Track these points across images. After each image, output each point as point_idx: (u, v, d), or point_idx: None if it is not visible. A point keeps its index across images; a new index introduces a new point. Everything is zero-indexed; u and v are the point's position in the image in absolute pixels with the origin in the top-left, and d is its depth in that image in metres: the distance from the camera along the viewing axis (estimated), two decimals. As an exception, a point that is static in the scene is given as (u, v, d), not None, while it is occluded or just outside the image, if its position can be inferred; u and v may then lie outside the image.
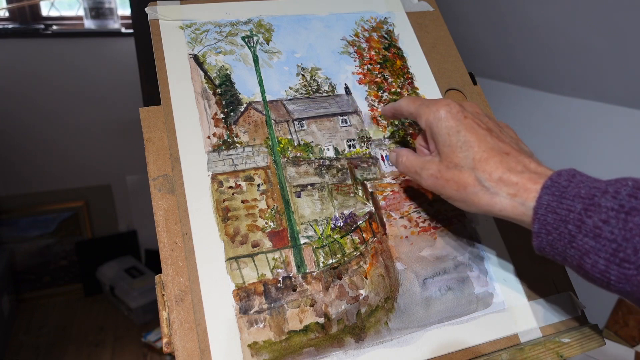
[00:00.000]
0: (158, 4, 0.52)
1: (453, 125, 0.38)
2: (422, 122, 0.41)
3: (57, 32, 2.11)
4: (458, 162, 0.37)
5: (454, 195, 0.38)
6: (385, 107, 0.47)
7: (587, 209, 0.31)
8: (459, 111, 0.39)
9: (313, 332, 0.40)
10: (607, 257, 0.30)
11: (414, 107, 0.42)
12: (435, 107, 0.40)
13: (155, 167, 0.44)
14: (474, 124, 0.38)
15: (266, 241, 0.43)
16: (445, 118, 0.39)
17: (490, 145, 0.37)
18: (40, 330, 2.14)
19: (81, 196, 2.36)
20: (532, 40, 1.52)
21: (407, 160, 0.42)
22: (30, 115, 2.16)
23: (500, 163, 0.36)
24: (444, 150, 0.39)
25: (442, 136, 0.39)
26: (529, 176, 0.35)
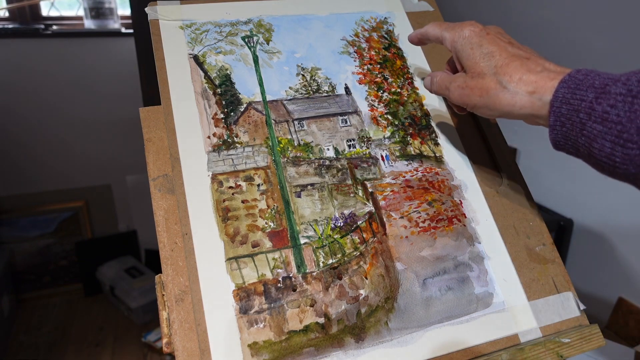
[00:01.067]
0: (158, 4, 0.52)
1: (476, 41, 0.41)
2: (448, 43, 0.44)
3: (57, 32, 2.11)
4: (481, 70, 0.40)
5: (478, 102, 0.40)
6: (411, 34, 0.50)
7: (598, 97, 0.32)
8: (482, 29, 0.42)
9: (313, 332, 0.40)
10: (613, 140, 0.31)
11: (439, 30, 0.45)
12: (460, 27, 0.43)
13: (155, 167, 0.44)
14: (496, 38, 0.41)
15: (266, 241, 0.43)
16: (469, 36, 0.42)
17: (511, 53, 0.39)
18: (40, 330, 2.14)
19: (81, 196, 2.36)
20: (532, 40, 1.52)
21: (439, 78, 0.46)
22: (30, 116, 2.16)
23: (521, 66, 0.38)
24: (468, 64, 0.41)
25: (466, 52, 0.42)
26: (547, 74, 0.37)
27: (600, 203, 1.48)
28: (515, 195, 0.50)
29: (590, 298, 1.50)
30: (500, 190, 0.50)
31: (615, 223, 1.45)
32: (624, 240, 1.43)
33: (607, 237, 1.47)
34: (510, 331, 0.43)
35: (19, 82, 2.09)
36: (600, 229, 1.49)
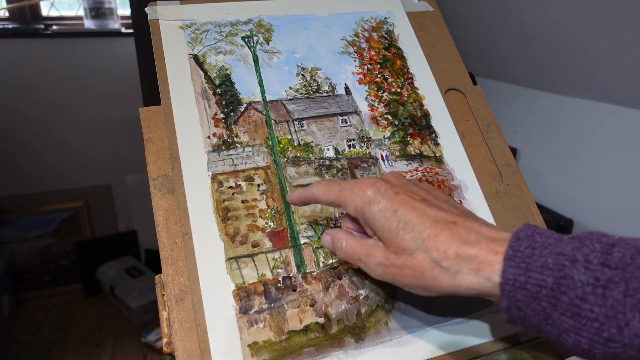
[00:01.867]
0: (158, 4, 0.52)
1: (387, 206, 0.34)
2: (351, 210, 0.36)
3: (57, 32, 2.11)
4: (405, 245, 0.33)
5: (410, 283, 0.33)
6: (292, 195, 0.41)
7: (559, 284, 0.28)
8: (387, 188, 0.35)
9: (313, 332, 0.40)
10: (590, 337, 0.28)
11: (333, 194, 0.37)
12: (360, 189, 0.35)
13: (155, 167, 0.44)
14: (407, 197, 0.34)
15: (266, 241, 0.43)
16: (375, 199, 0.34)
17: (433, 218, 0.33)
18: (40, 330, 2.14)
19: (81, 196, 2.36)
20: (532, 40, 1.52)
21: (347, 245, 0.37)
22: (30, 116, 2.16)
23: (451, 236, 0.32)
24: (385, 235, 0.34)
25: (379, 221, 0.34)
26: (486, 245, 0.32)
27: (600, 203, 1.48)
28: (515, 195, 0.50)
29: (590, 298, 1.50)
30: (500, 190, 0.50)
31: (615, 223, 1.45)
32: (624, 240, 1.43)
33: (607, 237, 1.47)
34: (510, 331, 0.43)
35: (19, 82, 2.09)
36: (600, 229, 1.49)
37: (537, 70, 1.60)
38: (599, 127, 1.46)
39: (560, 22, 1.37)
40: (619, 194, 1.42)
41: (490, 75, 1.80)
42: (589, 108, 1.47)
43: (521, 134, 1.72)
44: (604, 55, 1.32)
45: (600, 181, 1.47)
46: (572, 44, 1.38)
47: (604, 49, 1.30)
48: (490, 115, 0.55)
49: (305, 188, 0.40)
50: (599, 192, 1.48)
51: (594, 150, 1.48)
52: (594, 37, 1.30)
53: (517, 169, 0.52)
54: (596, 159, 1.48)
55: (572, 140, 1.55)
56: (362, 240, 0.37)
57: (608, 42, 1.28)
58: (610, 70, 1.34)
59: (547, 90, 1.60)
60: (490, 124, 0.54)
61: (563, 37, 1.40)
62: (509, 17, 1.55)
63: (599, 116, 1.45)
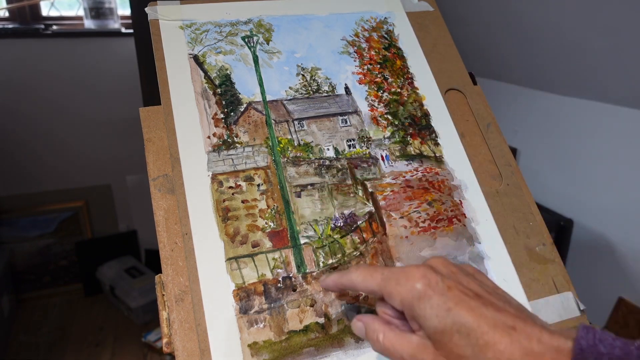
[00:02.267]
0: (158, 4, 0.52)
1: (440, 304, 0.31)
2: (397, 303, 0.33)
3: (57, 32, 2.11)
4: (460, 352, 0.30)
5: None
6: (327, 279, 0.38)
7: None
8: (437, 281, 0.32)
9: (313, 332, 0.40)
10: None
11: (375, 283, 0.34)
12: (408, 281, 0.32)
13: (155, 167, 0.44)
14: (461, 294, 0.31)
15: (266, 241, 0.43)
16: (426, 295, 0.31)
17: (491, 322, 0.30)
18: (40, 330, 2.14)
19: (81, 196, 2.36)
20: (532, 40, 1.52)
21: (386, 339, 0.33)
22: (30, 116, 2.16)
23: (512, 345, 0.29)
24: (436, 337, 0.31)
25: (430, 320, 0.31)
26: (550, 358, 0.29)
27: (600, 203, 1.48)
28: (515, 195, 0.50)
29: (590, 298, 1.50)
30: (500, 190, 0.50)
31: (615, 223, 1.45)
32: (624, 240, 1.43)
33: (607, 237, 1.47)
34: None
35: (19, 82, 2.09)
36: (600, 229, 1.49)
37: (537, 70, 1.60)
38: (599, 127, 1.46)
39: (560, 22, 1.37)
40: (619, 194, 1.42)
41: (490, 75, 1.80)
42: (589, 108, 1.47)
43: (521, 134, 1.72)
44: (604, 55, 1.32)
45: (600, 181, 1.47)
46: (572, 44, 1.38)
47: (604, 49, 1.30)
48: (490, 115, 0.55)
49: (342, 273, 0.37)
50: (599, 192, 1.48)
51: (594, 150, 1.48)
52: (594, 37, 1.30)
53: (517, 169, 0.52)
54: (596, 159, 1.48)
55: (572, 140, 1.55)
56: (404, 336, 0.33)
57: (608, 42, 1.28)
58: (610, 70, 1.34)
59: (547, 90, 1.60)
60: (490, 124, 0.54)
61: (563, 37, 1.40)
62: (509, 17, 1.55)
63: (599, 116, 1.45)
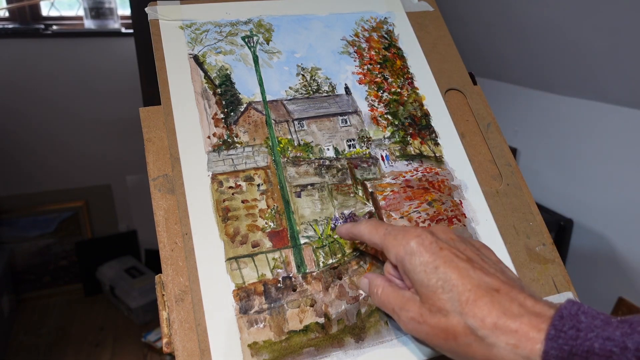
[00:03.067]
0: (158, 4, 0.52)
1: (429, 261, 0.33)
2: (392, 256, 0.36)
3: (57, 32, 2.11)
4: (442, 305, 0.32)
5: (442, 345, 0.32)
6: (342, 228, 0.42)
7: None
8: (432, 241, 0.34)
9: (313, 332, 0.40)
10: None
11: (377, 237, 0.37)
12: (405, 238, 0.34)
13: (155, 167, 0.44)
14: (452, 255, 0.33)
15: (266, 241, 0.43)
16: (418, 252, 0.33)
17: (475, 282, 0.32)
18: (40, 330, 2.14)
19: (81, 196, 2.36)
20: (532, 40, 1.52)
21: (383, 293, 0.36)
22: (30, 116, 2.16)
23: (492, 304, 0.31)
24: (422, 291, 0.33)
25: (418, 274, 0.33)
26: (528, 320, 0.30)
27: (600, 203, 1.48)
28: (515, 195, 0.50)
29: (590, 298, 1.50)
30: (500, 190, 0.50)
31: (615, 223, 1.45)
32: (624, 240, 1.43)
33: (607, 237, 1.47)
34: (510, 331, 0.43)
35: (19, 82, 2.09)
36: (600, 229, 1.49)
37: (537, 70, 1.60)
38: (599, 127, 1.46)
39: (560, 22, 1.37)
40: (619, 194, 1.42)
41: (490, 75, 1.80)
42: (589, 108, 1.47)
43: (521, 134, 1.72)
44: (604, 55, 1.32)
45: (600, 181, 1.47)
46: (572, 44, 1.38)
47: (604, 49, 1.30)
48: (490, 115, 0.55)
49: (354, 224, 0.40)
50: (599, 192, 1.48)
51: (594, 150, 1.48)
52: (593, 37, 1.30)
53: (517, 169, 0.52)
54: (596, 159, 1.48)
55: (572, 140, 1.55)
56: (399, 290, 0.36)
57: (608, 42, 1.28)
58: (610, 70, 1.34)
59: (547, 90, 1.60)
60: (490, 124, 0.54)
61: (563, 37, 1.40)
62: (509, 17, 1.55)
63: (598, 116, 1.45)
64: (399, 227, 0.36)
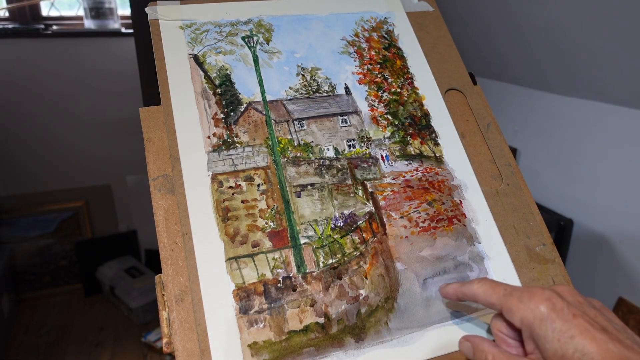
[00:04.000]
0: (158, 4, 0.52)
1: (563, 329, 0.31)
2: (516, 320, 0.34)
3: (57, 32, 2.11)
4: None
5: None
6: (448, 288, 0.41)
7: None
8: (563, 307, 0.32)
9: (313, 332, 0.40)
10: None
11: (496, 297, 0.35)
12: (532, 301, 0.33)
13: (155, 167, 0.44)
14: (586, 324, 0.32)
15: (266, 241, 0.43)
16: (549, 318, 0.32)
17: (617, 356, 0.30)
18: (40, 330, 2.14)
19: (81, 196, 2.36)
20: (532, 40, 1.52)
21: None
22: (30, 116, 2.16)
23: None
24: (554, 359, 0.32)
25: (551, 343, 0.32)
26: None
27: (600, 203, 1.48)
28: (515, 195, 0.50)
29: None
30: (500, 190, 0.50)
31: (615, 223, 1.45)
32: (624, 240, 1.43)
33: (607, 237, 1.47)
34: (510, 331, 0.43)
35: (19, 82, 2.09)
36: (600, 229, 1.49)
37: (537, 70, 1.60)
38: (599, 127, 1.46)
39: (560, 22, 1.37)
40: (619, 194, 1.42)
41: (490, 75, 1.80)
42: (589, 108, 1.47)
43: (521, 134, 1.72)
44: (604, 56, 1.32)
45: (600, 181, 1.47)
46: (572, 44, 1.38)
47: (604, 49, 1.30)
48: (490, 115, 0.55)
49: (463, 283, 0.39)
50: (599, 192, 1.48)
51: (594, 150, 1.48)
52: (593, 37, 1.30)
53: (517, 169, 0.52)
54: (596, 159, 1.48)
55: (572, 140, 1.55)
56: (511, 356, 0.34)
57: (608, 42, 1.28)
58: (609, 70, 1.34)
59: (547, 90, 1.60)
60: (490, 124, 0.54)
61: (563, 37, 1.40)
62: (509, 17, 1.55)
63: (598, 116, 1.45)
64: (520, 288, 0.35)
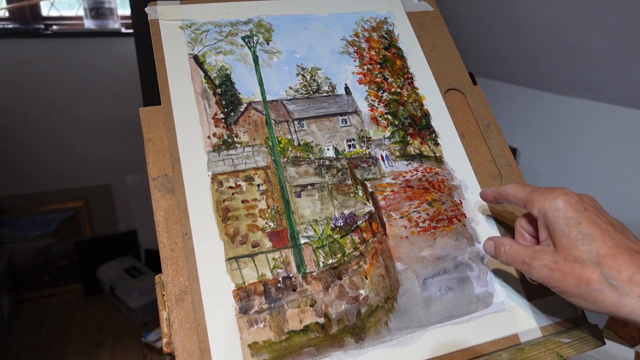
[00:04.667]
0: (158, 4, 0.52)
1: (573, 217, 0.36)
2: (535, 210, 0.39)
3: (57, 32, 2.11)
4: (579, 255, 0.35)
5: (571, 290, 0.35)
6: (487, 191, 0.45)
7: None
8: (578, 202, 0.37)
9: (313, 332, 0.40)
10: None
11: (523, 193, 0.40)
12: (552, 195, 0.38)
13: (155, 167, 0.44)
14: (595, 217, 0.36)
15: (266, 241, 0.43)
16: (563, 208, 0.37)
17: (616, 241, 0.35)
18: (40, 330, 2.14)
19: (81, 196, 2.36)
20: (532, 40, 1.52)
21: (512, 250, 0.40)
22: (30, 116, 2.16)
23: (631, 261, 0.33)
24: (561, 241, 0.36)
25: (560, 226, 0.36)
26: None
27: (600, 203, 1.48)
28: (515, 195, 0.50)
29: (590, 298, 1.50)
30: (500, 190, 0.50)
31: (615, 223, 1.45)
32: (624, 240, 1.43)
33: (607, 237, 1.47)
34: (510, 331, 0.43)
35: (19, 82, 2.09)
36: (600, 229, 1.49)
37: (537, 70, 1.60)
38: (599, 127, 1.46)
39: (560, 22, 1.37)
40: (618, 193, 1.42)
41: (490, 75, 1.80)
42: (589, 108, 1.47)
43: (521, 134, 1.72)
44: (604, 55, 1.32)
45: (600, 181, 1.47)
46: (572, 44, 1.38)
47: (604, 49, 1.30)
48: (490, 115, 0.55)
49: (499, 187, 0.44)
50: (599, 192, 1.48)
51: (594, 150, 1.48)
52: (593, 37, 1.30)
53: (517, 169, 0.52)
54: (596, 158, 1.48)
55: (572, 140, 1.55)
56: (527, 246, 0.39)
57: (607, 42, 1.28)
58: (609, 70, 1.34)
59: (547, 90, 1.60)
60: (490, 124, 0.54)
61: (563, 37, 1.40)
62: (509, 17, 1.55)
63: (598, 116, 1.45)
64: (545, 188, 0.39)
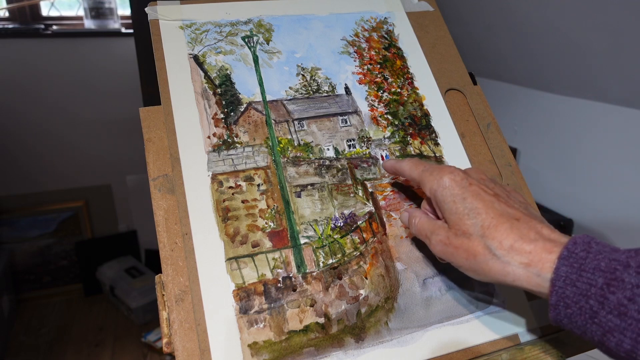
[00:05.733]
0: (158, 4, 0.52)
1: (458, 193, 0.37)
2: (426, 190, 0.40)
3: (57, 32, 2.11)
4: (466, 229, 0.36)
5: (463, 264, 0.37)
6: (387, 162, 0.47)
7: (609, 284, 0.30)
8: (463, 178, 0.38)
9: (313, 332, 0.40)
10: (634, 337, 0.29)
11: (416, 172, 0.42)
12: (439, 174, 0.39)
13: (155, 167, 0.44)
14: (479, 190, 0.37)
15: (266, 241, 0.43)
16: (449, 186, 0.38)
17: (498, 212, 0.36)
18: (40, 330, 2.14)
19: (81, 196, 2.36)
20: (532, 40, 1.52)
21: (419, 222, 0.41)
22: (30, 116, 2.16)
23: (511, 230, 0.35)
24: (450, 218, 0.38)
25: (448, 204, 0.38)
26: (542, 245, 0.34)
27: (600, 203, 1.48)
28: (515, 195, 0.50)
29: (590, 298, 1.50)
30: (500, 190, 0.50)
31: (615, 223, 1.45)
32: (624, 240, 1.43)
33: (607, 237, 1.47)
34: (510, 331, 0.43)
35: (19, 82, 2.09)
36: (600, 229, 1.49)
37: (537, 70, 1.60)
38: (599, 127, 1.46)
39: (560, 22, 1.37)
40: (619, 193, 1.42)
41: (490, 75, 1.80)
42: (589, 108, 1.47)
43: (521, 134, 1.72)
44: (604, 55, 1.32)
45: (600, 181, 1.47)
46: (572, 44, 1.38)
47: (604, 49, 1.30)
48: (490, 115, 0.55)
49: (398, 160, 0.45)
50: (599, 192, 1.48)
51: (593, 150, 1.48)
52: (593, 37, 1.30)
53: (517, 169, 0.52)
54: (596, 158, 1.48)
55: (572, 140, 1.55)
56: (432, 220, 0.40)
57: (608, 42, 1.28)
58: (609, 70, 1.34)
59: (547, 90, 1.60)
60: (490, 124, 0.54)
61: (563, 37, 1.40)
62: (509, 17, 1.55)
63: (598, 116, 1.45)
64: (435, 166, 0.41)
